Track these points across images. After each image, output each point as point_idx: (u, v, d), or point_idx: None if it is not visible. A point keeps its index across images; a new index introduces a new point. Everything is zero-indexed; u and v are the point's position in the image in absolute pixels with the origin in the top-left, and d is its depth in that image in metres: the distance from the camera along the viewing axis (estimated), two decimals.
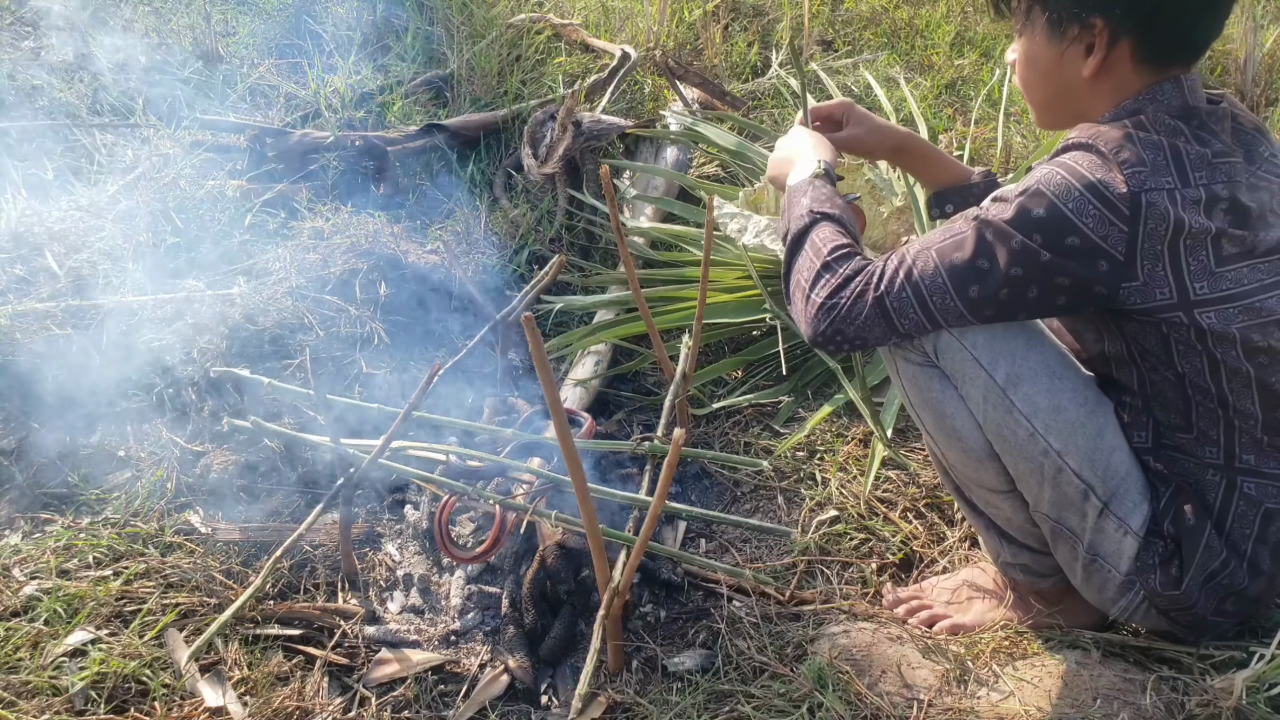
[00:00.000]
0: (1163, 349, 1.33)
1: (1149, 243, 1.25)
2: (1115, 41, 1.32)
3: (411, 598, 1.82)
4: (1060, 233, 1.26)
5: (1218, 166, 1.28)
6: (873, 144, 1.77)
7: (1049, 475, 1.40)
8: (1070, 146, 1.31)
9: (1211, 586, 1.39)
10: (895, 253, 1.38)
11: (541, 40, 3.51)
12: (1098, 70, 1.35)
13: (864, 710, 1.45)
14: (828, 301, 1.38)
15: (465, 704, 1.58)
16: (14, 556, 1.76)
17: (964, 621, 1.67)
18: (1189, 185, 1.25)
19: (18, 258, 2.34)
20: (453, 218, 2.76)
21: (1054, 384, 1.39)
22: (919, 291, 1.34)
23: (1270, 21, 3.68)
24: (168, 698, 1.54)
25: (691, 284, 2.49)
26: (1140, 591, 1.43)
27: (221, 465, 2.00)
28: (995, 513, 1.53)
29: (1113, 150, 1.26)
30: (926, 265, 1.34)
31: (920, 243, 1.37)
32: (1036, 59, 1.41)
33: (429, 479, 1.80)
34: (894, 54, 3.79)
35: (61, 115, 2.91)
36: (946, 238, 1.35)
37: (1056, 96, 1.43)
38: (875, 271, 1.37)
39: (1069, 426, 1.38)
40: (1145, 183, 1.24)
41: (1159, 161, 1.25)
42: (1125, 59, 1.34)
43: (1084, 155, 1.28)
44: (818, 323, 1.39)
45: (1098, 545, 1.43)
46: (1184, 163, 1.26)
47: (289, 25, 3.49)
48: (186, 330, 2.20)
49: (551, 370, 1.24)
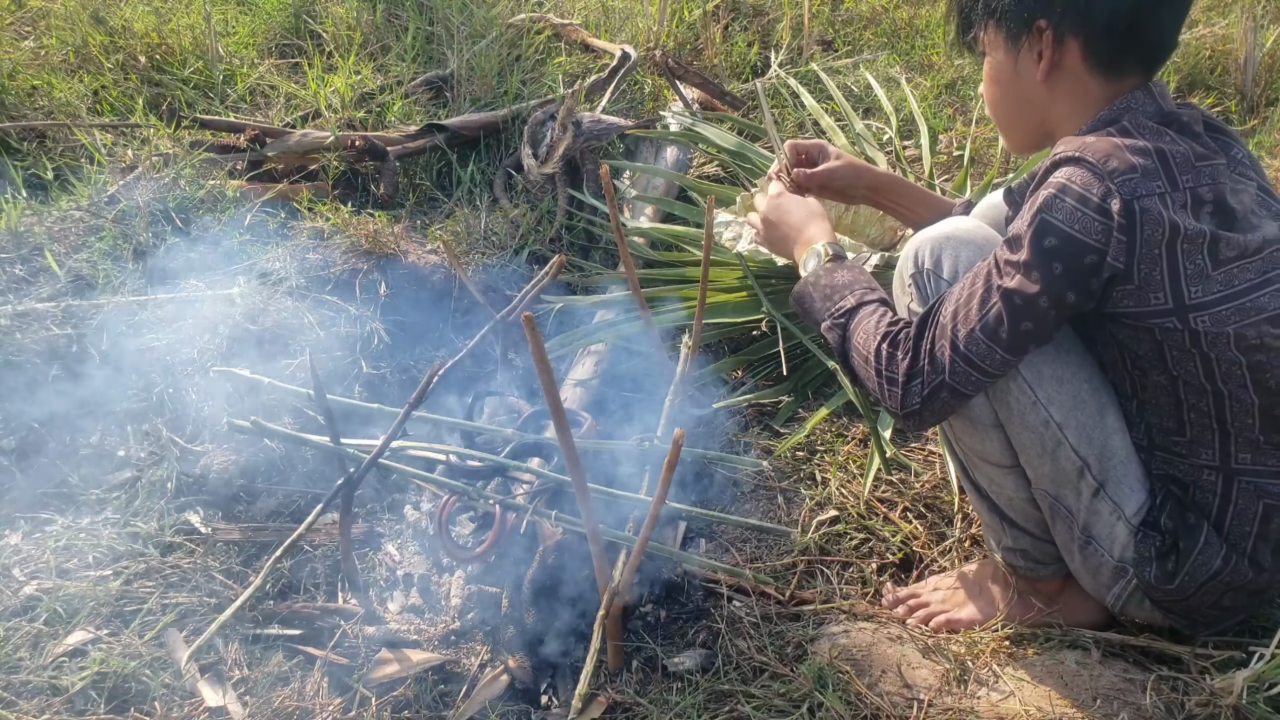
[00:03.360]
0: (1155, 354, 1.35)
1: (1145, 248, 1.26)
2: (1060, 41, 1.37)
3: (411, 598, 1.82)
4: (1077, 255, 1.28)
5: (1202, 169, 1.29)
6: (849, 178, 1.82)
7: (1049, 448, 1.42)
8: (1060, 162, 1.32)
9: (1213, 584, 1.40)
10: (930, 327, 1.41)
11: (541, 40, 3.51)
12: (1049, 73, 1.39)
13: (864, 710, 1.45)
14: (906, 406, 1.42)
15: (465, 704, 1.58)
16: (14, 556, 1.76)
17: (962, 618, 1.67)
18: (1177, 189, 1.27)
19: (18, 258, 2.34)
20: (453, 218, 2.76)
21: (1060, 356, 1.41)
22: (970, 362, 1.37)
23: (1270, 21, 3.68)
24: (168, 698, 1.54)
25: (691, 284, 2.49)
26: (1133, 579, 1.45)
27: (221, 465, 2.00)
28: (998, 491, 1.55)
29: (1101, 160, 1.27)
30: (968, 333, 1.36)
31: (951, 305, 1.39)
32: (998, 73, 1.47)
33: (429, 479, 1.80)
34: (894, 54, 3.79)
35: (61, 115, 2.91)
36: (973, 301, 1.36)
37: (1019, 109, 1.47)
38: (925, 364, 1.40)
39: (1071, 399, 1.41)
40: (1137, 189, 1.25)
41: (1148, 166, 1.27)
42: (1076, 61, 1.38)
43: (1075, 170, 1.29)
44: (907, 418, 1.44)
45: (1092, 526, 1.45)
46: (1170, 166, 1.28)
47: (289, 25, 3.49)
48: (186, 330, 2.20)
49: (552, 370, 1.24)
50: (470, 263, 2.60)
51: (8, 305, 2.20)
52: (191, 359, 2.16)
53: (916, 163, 3.07)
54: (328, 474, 2.01)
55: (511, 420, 2.05)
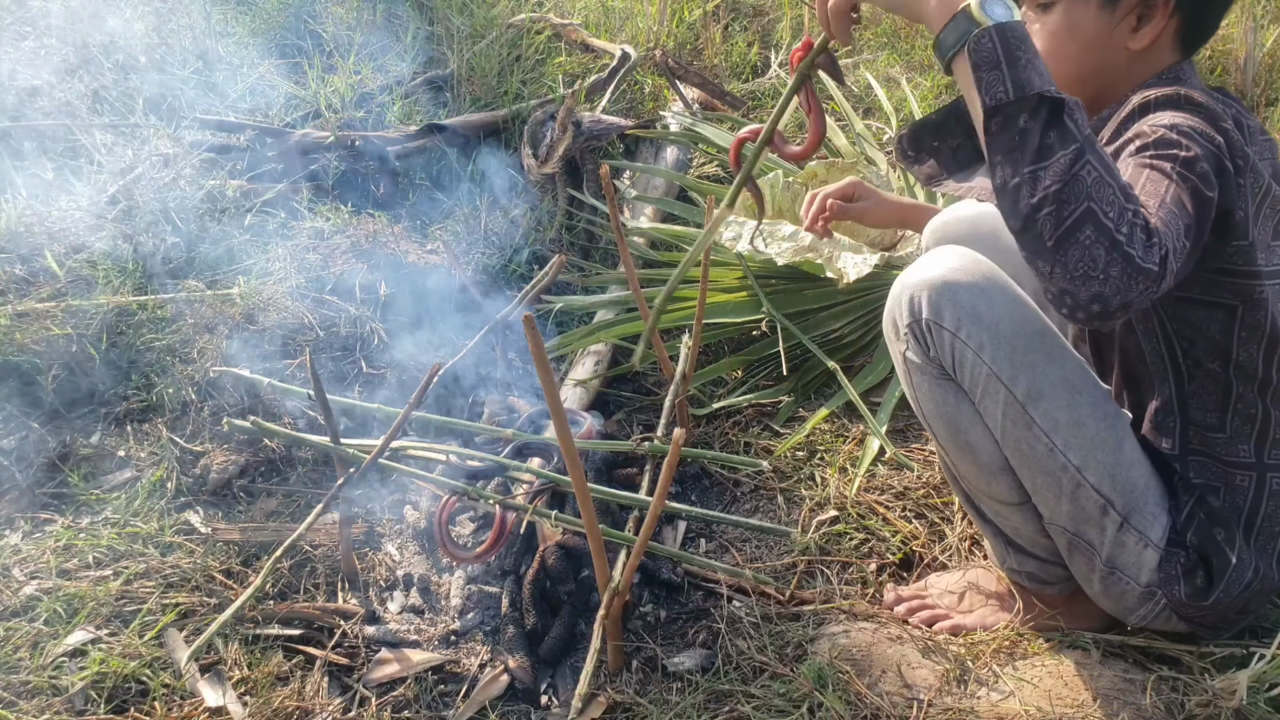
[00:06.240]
0: (1224, 334, 1.28)
1: (1254, 197, 1.20)
2: (1172, 15, 1.30)
3: (411, 598, 1.82)
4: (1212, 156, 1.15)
5: (1264, 143, 1.27)
6: (882, 215, 1.90)
7: (1067, 490, 1.38)
8: (1156, 104, 1.22)
9: (1244, 594, 1.38)
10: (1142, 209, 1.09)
11: (541, 40, 3.51)
12: (1152, 41, 1.31)
13: (864, 710, 1.45)
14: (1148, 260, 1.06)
15: (465, 704, 1.58)
16: (14, 556, 1.76)
17: (965, 623, 1.66)
18: (1254, 154, 1.22)
19: (18, 258, 2.34)
20: (453, 218, 2.76)
21: (1074, 399, 1.35)
22: (1178, 229, 1.11)
23: (1270, 21, 3.68)
24: (168, 698, 1.54)
25: (691, 284, 2.49)
26: (1162, 600, 1.42)
27: (221, 465, 2.00)
28: (1004, 523, 1.53)
29: (1201, 106, 1.19)
30: (1168, 201, 1.12)
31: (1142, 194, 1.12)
32: (1081, 29, 1.32)
33: (429, 479, 1.80)
34: (894, 54, 3.78)
35: (61, 115, 2.90)
36: (1151, 183, 1.13)
37: (1093, 70, 1.35)
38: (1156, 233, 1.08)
39: (1089, 442, 1.36)
40: (1239, 140, 1.19)
41: (1234, 123, 1.21)
42: (1169, 37, 1.32)
43: (1179, 114, 1.19)
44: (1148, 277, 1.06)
45: (1116, 558, 1.41)
46: (1245, 130, 1.23)
47: (289, 25, 3.49)
48: (186, 330, 2.20)
49: (552, 370, 1.24)
50: (470, 262, 2.60)
51: (8, 305, 2.20)
52: (191, 359, 2.16)
53: None
54: (329, 474, 2.01)
55: (511, 420, 2.05)
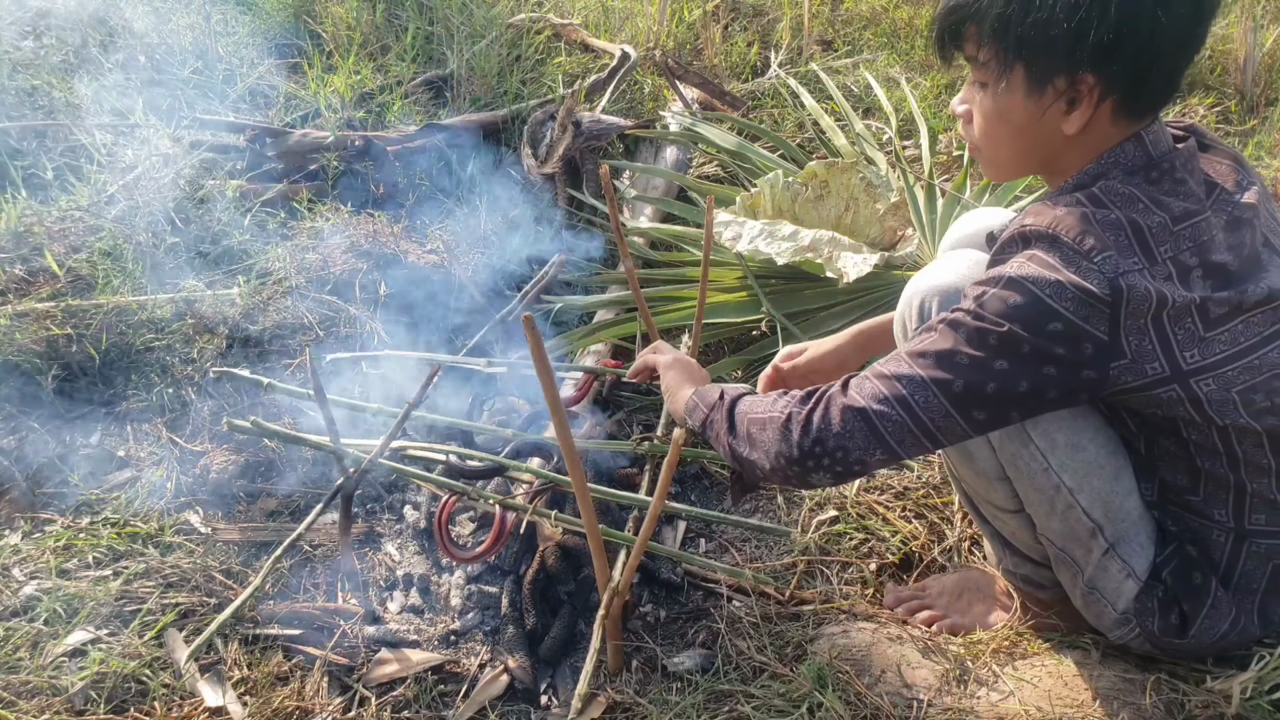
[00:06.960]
0: (1168, 423, 1.29)
1: (1132, 320, 1.18)
2: (1104, 98, 1.23)
3: (411, 598, 1.82)
4: (1042, 318, 1.18)
5: (1181, 234, 1.21)
6: (835, 350, 1.73)
7: (1059, 509, 1.38)
8: (1030, 238, 1.23)
9: (1220, 643, 1.38)
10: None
11: (541, 40, 3.51)
12: (1084, 126, 1.26)
13: (864, 710, 1.45)
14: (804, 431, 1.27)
15: (465, 704, 1.58)
16: (14, 556, 1.76)
17: (964, 623, 1.67)
18: (1155, 263, 1.19)
19: (18, 258, 2.34)
20: (452, 218, 2.76)
21: (1075, 422, 1.35)
22: (903, 400, 1.24)
23: (1270, 21, 3.68)
24: (168, 698, 1.54)
25: (691, 284, 2.49)
26: (1137, 628, 1.42)
27: (221, 465, 2.00)
28: (1001, 526, 1.53)
29: (1076, 240, 1.19)
30: (900, 369, 1.25)
31: (892, 355, 1.28)
32: (1009, 114, 1.29)
33: (429, 479, 1.80)
34: (894, 54, 3.78)
35: (61, 115, 2.90)
36: (920, 342, 1.26)
37: (1027, 153, 1.33)
38: (835, 386, 1.29)
39: (1086, 466, 1.35)
40: (1118, 267, 1.17)
41: (1121, 242, 1.19)
42: (1107, 114, 1.26)
43: (1049, 252, 1.20)
44: (800, 446, 1.27)
45: (1097, 580, 1.42)
46: (1146, 239, 1.20)
47: (289, 25, 3.49)
48: (186, 330, 2.20)
49: (551, 370, 1.24)
50: (470, 262, 2.60)
51: (8, 305, 2.20)
52: (191, 359, 2.16)
53: (916, 163, 3.07)
54: (327, 474, 2.01)
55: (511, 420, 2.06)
